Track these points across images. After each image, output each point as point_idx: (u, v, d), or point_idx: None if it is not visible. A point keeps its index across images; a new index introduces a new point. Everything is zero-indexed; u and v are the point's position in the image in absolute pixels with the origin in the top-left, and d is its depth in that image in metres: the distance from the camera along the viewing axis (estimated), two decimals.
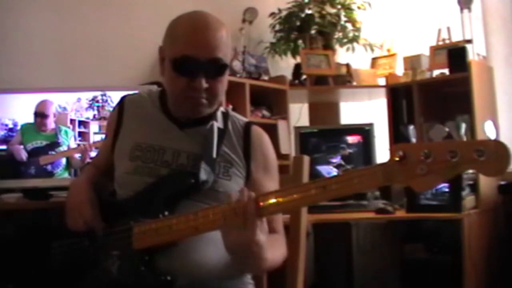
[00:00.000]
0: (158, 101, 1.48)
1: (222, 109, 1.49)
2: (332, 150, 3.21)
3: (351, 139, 3.23)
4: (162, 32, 1.41)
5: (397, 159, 1.00)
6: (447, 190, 2.73)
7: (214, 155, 1.37)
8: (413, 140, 3.04)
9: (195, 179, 1.32)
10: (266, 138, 1.49)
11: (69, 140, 2.17)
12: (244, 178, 1.41)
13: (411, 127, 3.10)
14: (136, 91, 1.58)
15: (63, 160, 2.18)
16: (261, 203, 1.13)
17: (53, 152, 2.16)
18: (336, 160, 3.20)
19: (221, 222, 1.16)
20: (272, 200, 1.14)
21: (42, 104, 2.15)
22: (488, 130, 2.87)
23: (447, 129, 2.91)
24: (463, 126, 2.88)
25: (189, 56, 1.30)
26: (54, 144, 2.16)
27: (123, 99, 1.53)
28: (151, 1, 3.06)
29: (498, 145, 0.93)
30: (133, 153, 1.41)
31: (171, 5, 2.94)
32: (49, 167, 2.16)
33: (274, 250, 1.28)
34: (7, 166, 2.13)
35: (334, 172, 3.16)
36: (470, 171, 2.82)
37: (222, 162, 1.39)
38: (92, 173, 1.54)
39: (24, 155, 2.13)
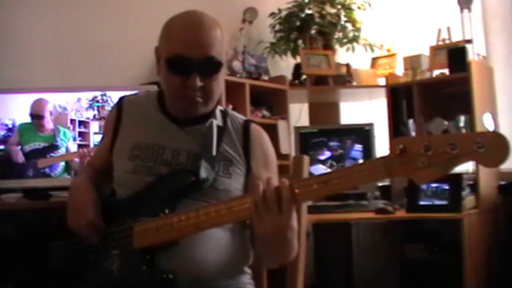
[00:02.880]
0: (156, 101, 1.48)
1: (220, 107, 1.49)
2: (320, 147, 3.21)
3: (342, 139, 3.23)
4: None
5: (397, 152, 1.01)
6: (447, 190, 2.73)
7: (214, 153, 1.37)
8: (413, 134, 3.04)
9: (196, 177, 1.32)
10: (265, 136, 1.49)
11: (67, 142, 2.16)
12: (244, 175, 1.42)
13: (411, 121, 3.09)
14: (135, 92, 1.59)
15: (61, 163, 2.17)
16: (297, 190, 1.13)
17: (52, 155, 2.15)
18: (324, 157, 3.19)
19: (248, 212, 1.16)
20: (308, 188, 1.13)
21: (37, 104, 2.14)
22: (486, 122, 2.87)
23: (446, 122, 2.91)
24: (463, 121, 2.88)
25: (183, 55, 1.31)
26: (52, 146, 2.15)
27: (121, 99, 1.53)
28: (151, 1, 3.06)
29: (497, 136, 0.94)
30: (132, 153, 1.41)
31: (171, 5, 2.92)
32: (47, 170, 2.15)
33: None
34: (7, 166, 2.13)
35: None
36: (470, 170, 2.81)
37: (221, 160, 1.39)
38: (92, 172, 1.54)
39: (20, 158, 2.12)
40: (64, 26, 2.72)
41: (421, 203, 2.79)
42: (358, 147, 3.22)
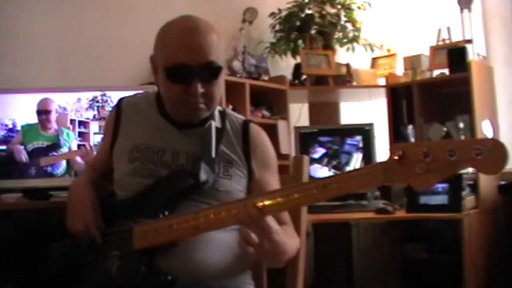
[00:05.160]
0: (155, 102, 1.48)
1: (219, 108, 1.49)
2: (313, 145, 3.22)
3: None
4: None
5: (396, 158, 1.01)
6: (447, 190, 2.73)
7: (213, 154, 1.37)
8: (412, 139, 3.05)
9: (195, 179, 1.32)
10: (264, 136, 1.49)
11: (70, 142, 2.17)
12: (246, 177, 1.42)
13: (410, 127, 3.10)
14: (134, 92, 1.59)
15: (64, 162, 2.17)
16: (260, 204, 1.14)
17: (54, 154, 2.16)
18: (317, 154, 3.19)
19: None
20: (271, 201, 1.15)
21: (44, 101, 2.16)
22: (485, 130, 2.87)
23: (445, 129, 2.91)
24: (462, 123, 2.88)
25: (182, 63, 1.29)
26: (55, 145, 2.16)
27: (120, 101, 1.53)
28: (151, 1, 3.06)
29: (495, 143, 0.94)
30: (132, 155, 1.41)
31: (170, 5, 2.95)
32: (49, 169, 2.15)
33: (289, 239, 1.30)
34: (7, 166, 2.13)
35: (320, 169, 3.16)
36: (470, 171, 2.81)
37: (221, 162, 1.39)
38: (92, 173, 1.54)
39: (24, 156, 2.13)
40: (64, 26, 2.72)
41: (421, 203, 2.78)
42: (351, 141, 3.22)
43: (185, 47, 1.30)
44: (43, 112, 2.15)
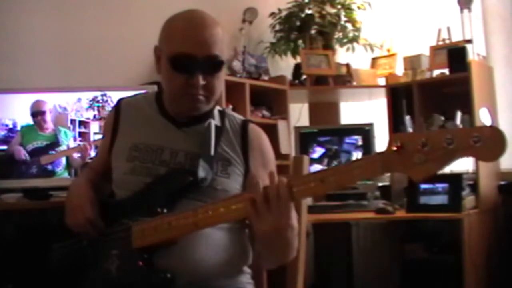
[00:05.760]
0: (154, 102, 1.48)
1: (218, 107, 1.50)
2: (311, 145, 3.22)
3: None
4: None
5: (394, 148, 1.01)
6: (447, 189, 2.73)
7: (212, 152, 1.37)
8: (410, 130, 3.04)
9: (194, 176, 1.32)
10: (263, 136, 1.49)
11: (68, 140, 2.18)
12: (243, 176, 1.42)
13: (408, 117, 3.09)
14: (134, 92, 1.59)
15: (63, 160, 2.18)
16: (295, 189, 1.12)
17: (53, 152, 2.16)
18: (316, 154, 3.19)
19: (248, 210, 1.14)
20: (308, 185, 1.11)
21: (37, 103, 2.17)
22: (483, 117, 2.87)
23: (442, 118, 2.91)
24: (459, 119, 2.88)
25: (187, 54, 1.31)
26: (54, 144, 2.17)
27: (119, 101, 1.54)
28: (151, 0, 3.06)
29: (493, 130, 0.94)
30: (131, 154, 1.41)
31: (171, 5, 2.92)
32: (49, 167, 2.16)
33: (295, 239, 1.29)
34: (7, 166, 2.14)
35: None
36: (470, 170, 2.80)
37: (220, 160, 1.39)
38: (91, 174, 1.54)
39: (24, 155, 2.13)
40: (65, 26, 2.72)
41: (421, 203, 2.78)
42: (350, 139, 3.21)
43: (191, 39, 1.32)
44: (37, 113, 2.16)
